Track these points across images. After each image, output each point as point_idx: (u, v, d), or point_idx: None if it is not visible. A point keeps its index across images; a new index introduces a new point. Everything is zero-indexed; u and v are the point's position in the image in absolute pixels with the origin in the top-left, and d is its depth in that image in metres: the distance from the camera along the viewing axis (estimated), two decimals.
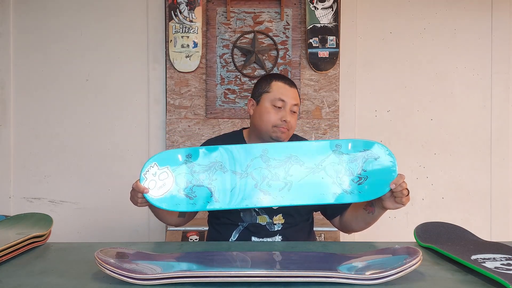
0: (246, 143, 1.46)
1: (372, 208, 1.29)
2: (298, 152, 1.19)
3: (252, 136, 1.49)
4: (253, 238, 1.38)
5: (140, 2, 2.60)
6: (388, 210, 1.24)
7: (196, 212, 1.53)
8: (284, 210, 1.40)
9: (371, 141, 1.20)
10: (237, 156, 1.20)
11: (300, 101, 1.52)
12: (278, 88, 1.43)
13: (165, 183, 1.19)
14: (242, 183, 1.18)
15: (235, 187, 1.18)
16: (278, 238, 1.39)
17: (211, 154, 1.20)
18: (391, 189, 1.16)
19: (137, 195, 1.21)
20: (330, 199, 1.17)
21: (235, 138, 1.52)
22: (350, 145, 1.20)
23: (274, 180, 1.18)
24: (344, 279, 0.82)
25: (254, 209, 1.39)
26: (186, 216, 1.50)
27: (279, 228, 1.40)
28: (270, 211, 1.39)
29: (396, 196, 1.17)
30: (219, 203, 1.18)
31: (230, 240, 1.40)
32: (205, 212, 1.51)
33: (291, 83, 1.46)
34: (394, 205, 1.20)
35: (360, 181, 1.18)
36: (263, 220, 1.39)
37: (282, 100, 1.41)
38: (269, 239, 1.38)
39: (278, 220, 1.40)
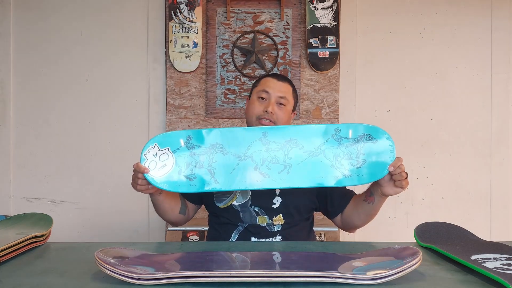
0: None
1: (372, 197, 1.30)
2: (297, 136, 1.20)
3: None
4: (253, 239, 1.38)
5: (140, 2, 2.60)
6: (387, 201, 1.24)
7: (195, 211, 1.53)
8: (284, 210, 1.39)
9: (370, 125, 1.21)
10: (237, 139, 1.20)
11: (296, 98, 1.49)
12: (265, 81, 1.45)
13: (165, 164, 1.20)
14: (242, 165, 1.19)
15: (235, 169, 1.19)
16: (278, 238, 1.39)
17: (211, 136, 1.21)
18: (389, 173, 1.17)
19: (138, 176, 1.20)
20: (329, 182, 1.18)
21: None
22: (350, 129, 1.20)
23: (274, 162, 1.19)
24: (344, 279, 0.82)
25: (254, 209, 1.39)
26: (186, 215, 1.49)
27: (279, 229, 1.40)
28: (270, 211, 1.39)
29: (395, 179, 1.18)
30: (219, 185, 1.19)
31: (230, 240, 1.40)
32: (205, 212, 1.51)
33: (282, 78, 1.46)
34: (394, 189, 1.21)
35: (358, 165, 1.18)
36: (263, 221, 1.39)
37: (266, 92, 1.41)
38: (269, 240, 1.38)
39: (278, 220, 1.39)
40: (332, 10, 2.53)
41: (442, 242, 1.12)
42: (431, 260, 1.01)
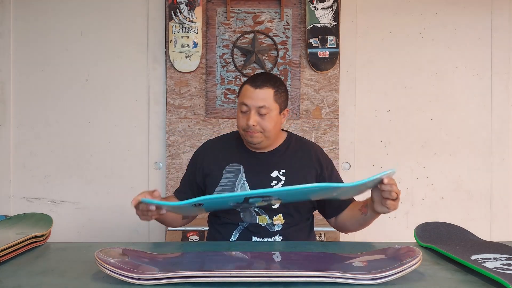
0: (243, 144, 1.47)
1: (366, 209, 1.30)
2: (284, 197, 1.18)
3: None
4: (254, 238, 1.38)
5: (140, 2, 2.60)
6: (385, 214, 1.24)
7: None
8: (284, 210, 1.39)
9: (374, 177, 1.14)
10: (221, 204, 1.22)
11: (282, 97, 1.41)
12: (244, 92, 1.39)
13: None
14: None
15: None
16: (278, 238, 1.39)
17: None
18: (381, 189, 1.16)
19: (147, 208, 1.19)
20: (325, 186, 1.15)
21: (232, 139, 1.52)
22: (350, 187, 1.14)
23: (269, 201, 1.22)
24: (344, 279, 0.82)
25: (254, 209, 1.39)
26: (190, 216, 1.51)
27: (279, 228, 1.39)
28: (270, 211, 1.39)
29: (383, 196, 1.17)
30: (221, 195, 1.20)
31: (230, 240, 1.40)
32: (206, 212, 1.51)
33: (260, 84, 1.38)
34: (381, 208, 1.20)
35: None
36: (263, 220, 1.39)
37: (245, 105, 1.37)
38: (269, 239, 1.38)
39: (278, 220, 1.39)
40: (332, 10, 2.53)
41: (442, 242, 1.12)
42: (431, 260, 1.01)
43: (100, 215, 2.59)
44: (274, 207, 1.39)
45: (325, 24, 2.52)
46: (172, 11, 2.51)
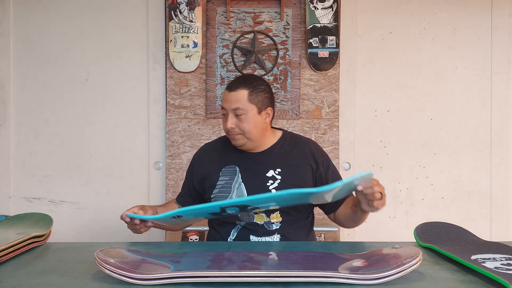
0: (237, 148, 1.48)
1: (356, 208, 1.30)
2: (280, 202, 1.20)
3: None
4: (252, 237, 1.38)
5: (140, 2, 2.60)
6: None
7: None
8: (282, 208, 1.39)
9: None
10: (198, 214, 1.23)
11: (259, 96, 1.40)
12: (223, 96, 1.44)
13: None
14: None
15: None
16: (276, 237, 1.39)
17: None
18: (364, 192, 1.15)
19: (133, 223, 1.26)
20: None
21: (229, 141, 1.51)
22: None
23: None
24: (344, 279, 0.82)
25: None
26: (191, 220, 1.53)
27: (278, 227, 1.39)
28: (267, 210, 1.39)
29: (368, 198, 1.16)
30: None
31: (228, 239, 1.40)
32: None
33: (234, 86, 1.40)
34: (368, 207, 1.19)
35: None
36: (260, 219, 1.39)
37: (223, 108, 1.41)
38: (267, 238, 1.38)
39: (276, 218, 1.39)
40: (332, 10, 2.53)
41: (442, 242, 1.12)
42: (431, 260, 1.01)
43: (100, 215, 2.59)
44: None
45: (325, 24, 2.52)
46: (172, 11, 2.51)
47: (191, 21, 2.51)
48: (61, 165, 2.60)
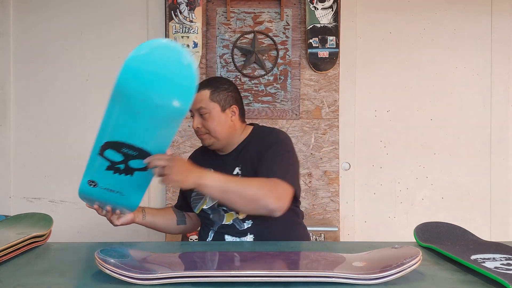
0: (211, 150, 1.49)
1: None
2: None
3: None
4: (227, 237, 1.39)
5: (140, 2, 2.60)
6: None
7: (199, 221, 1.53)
8: None
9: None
10: None
11: (221, 95, 1.42)
12: None
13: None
14: None
15: None
16: (250, 237, 1.37)
17: None
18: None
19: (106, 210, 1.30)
20: None
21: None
22: None
23: None
24: (344, 279, 0.82)
25: (222, 209, 1.40)
26: (189, 223, 1.54)
27: (249, 225, 1.38)
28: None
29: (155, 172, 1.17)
30: None
31: (207, 240, 1.42)
32: None
33: (198, 88, 1.37)
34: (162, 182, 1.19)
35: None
36: (229, 218, 1.39)
37: (190, 110, 1.41)
38: (242, 238, 1.37)
39: (243, 214, 1.38)
40: (332, 10, 2.53)
41: (442, 242, 1.12)
42: (431, 260, 1.01)
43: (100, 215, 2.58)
44: None
45: (325, 24, 2.52)
46: (172, 11, 2.51)
47: (191, 21, 2.51)
48: (61, 165, 2.60)
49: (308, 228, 1.53)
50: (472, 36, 2.66)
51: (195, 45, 2.51)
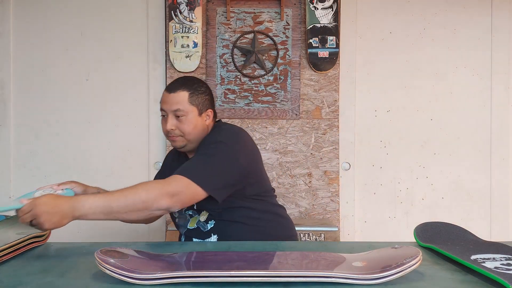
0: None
1: None
2: None
3: None
4: (194, 240, 1.40)
5: (140, 2, 2.60)
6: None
7: None
8: (201, 206, 1.36)
9: None
10: None
11: (199, 98, 1.40)
12: (161, 97, 1.43)
13: None
14: None
15: None
16: (214, 237, 1.38)
17: None
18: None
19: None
20: None
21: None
22: None
23: None
24: (344, 279, 0.82)
25: (188, 213, 1.41)
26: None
27: (212, 226, 1.38)
28: (199, 211, 1.39)
29: None
30: None
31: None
32: None
33: (174, 88, 1.40)
34: None
35: None
36: (193, 221, 1.40)
37: (162, 109, 1.41)
38: (204, 240, 1.38)
39: (204, 215, 1.38)
40: (332, 10, 2.53)
41: (442, 242, 1.12)
42: (431, 260, 1.01)
43: None
44: (195, 207, 1.38)
45: (325, 24, 2.52)
46: (172, 11, 2.51)
47: (191, 21, 2.51)
48: (61, 165, 2.60)
49: (308, 228, 1.52)
50: (472, 36, 2.66)
51: (195, 45, 2.51)
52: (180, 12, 2.51)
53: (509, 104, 2.66)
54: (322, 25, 2.52)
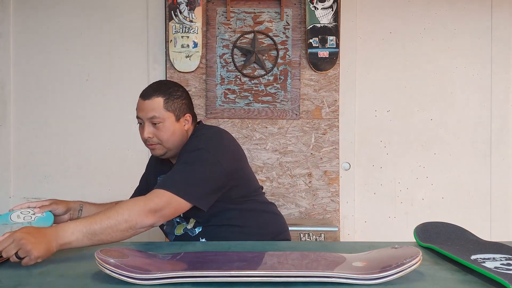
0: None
1: None
2: None
3: None
4: None
5: (140, 2, 2.60)
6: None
7: None
8: (187, 214, 1.33)
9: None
10: None
11: (175, 103, 1.36)
12: (137, 105, 1.40)
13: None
14: None
15: None
16: (202, 241, 1.36)
17: None
18: None
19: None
20: None
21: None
22: None
23: None
24: (344, 279, 0.82)
25: (176, 220, 1.39)
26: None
27: (200, 230, 1.36)
28: (186, 218, 1.37)
29: None
30: None
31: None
32: None
33: (148, 94, 1.36)
34: None
35: None
36: (180, 228, 1.38)
37: (138, 117, 1.39)
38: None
39: (191, 223, 1.36)
40: (332, 10, 2.53)
41: (442, 242, 1.12)
42: (431, 260, 1.01)
43: None
44: (181, 215, 1.35)
45: (325, 24, 2.52)
46: (172, 11, 2.51)
47: (191, 21, 2.51)
48: (61, 165, 2.60)
49: (308, 228, 1.51)
50: (472, 36, 2.66)
51: (195, 45, 2.51)
52: (180, 12, 2.51)
53: (509, 104, 2.66)
54: (322, 25, 2.52)
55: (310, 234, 2.26)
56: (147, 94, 1.37)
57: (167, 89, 1.37)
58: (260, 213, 1.44)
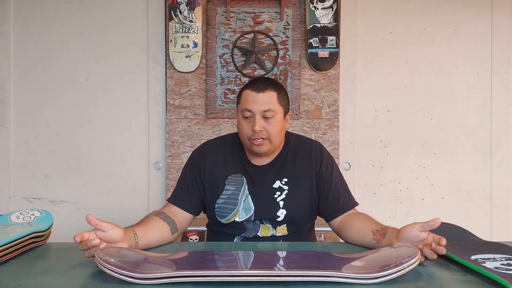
0: (244, 153, 1.39)
1: (381, 238, 1.12)
2: None
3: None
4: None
5: (140, 2, 2.60)
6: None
7: (191, 221, 1.41)
8: (289, 221, 1.34)
9: None
10: None
11: (285, 99, 1.35)
12: (246, 97, 1.32)
13: None
14: None
15: None
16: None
17: None
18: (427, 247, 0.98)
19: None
20: None
21: (233, 145, 1.43)
22: None
23: None
24: (344, 278, 0.82)
25: (257, 222, 1.35)
26: (180, 229, 1.32)
27: (282, 235, 1.36)
28: (274, 223, 1.34)
29: (424, 253, 0.97)
30: None
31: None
32: (203, 213, 1.48)
33: (262, 87, 1.31)
34: (431, 255, 0.97)
35: None
36: (265, 231, 1.34)
37: (249, 110, 1.29)
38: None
39: (282, 230, 1.35)
40: (332, 10, 2.53)
41: None
42: (431, 260, 1.01)
43: (100, 215, 2.55)
44: (279, 219, 1.34)
45: (325, 24, 2.52)
46: (172, 11, 2.51)
47: (191, 21, 2.51)
48: (61, 165, 2.60)
49: None
50: (472, 36, 2.66)
51: (195, 45, 2.51)
52: (180, 12, 2.51)
53: (509, 104, 2.67)
54: (322, 25, 2.52)
55: None
56: (260, 86, 1.31)
57: (276, 84, 1.35)
58: None
